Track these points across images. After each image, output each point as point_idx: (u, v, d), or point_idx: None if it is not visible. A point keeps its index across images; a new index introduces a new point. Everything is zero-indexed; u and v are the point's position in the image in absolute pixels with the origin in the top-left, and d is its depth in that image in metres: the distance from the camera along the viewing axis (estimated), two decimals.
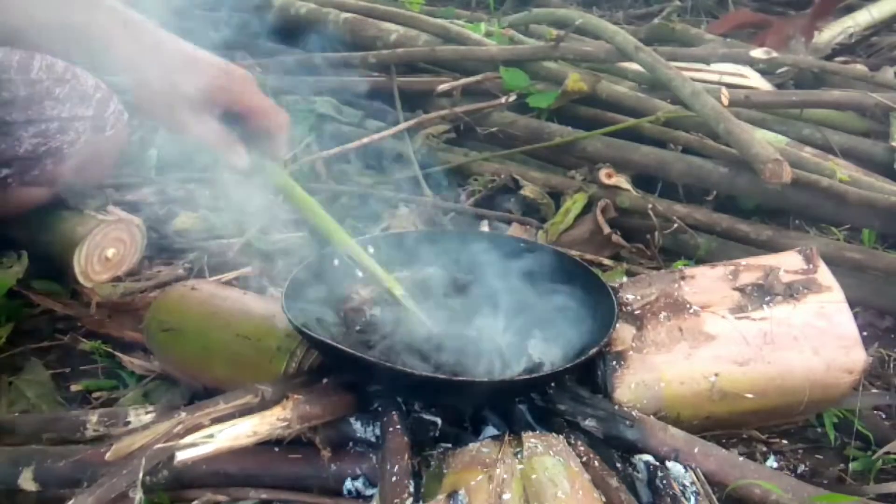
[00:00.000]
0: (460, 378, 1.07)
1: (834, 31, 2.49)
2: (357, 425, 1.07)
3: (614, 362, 1.13)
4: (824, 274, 1.20)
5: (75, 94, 1.49)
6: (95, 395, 1.31)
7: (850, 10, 2.64)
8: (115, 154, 1.68)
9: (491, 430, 1.09)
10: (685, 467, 1.02)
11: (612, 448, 1.06)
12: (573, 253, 1.46)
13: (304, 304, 1.14)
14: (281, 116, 1.07)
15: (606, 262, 1.63)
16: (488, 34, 2.25)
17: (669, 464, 1.03)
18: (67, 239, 1.54)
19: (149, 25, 1.02)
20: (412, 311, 1.15)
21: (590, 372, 1.15)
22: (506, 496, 0.89)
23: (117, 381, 1.34)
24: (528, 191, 1.81)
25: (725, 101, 1.82)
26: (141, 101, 1.01)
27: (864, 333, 1.18)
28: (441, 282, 1.29)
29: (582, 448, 1.02)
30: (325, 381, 1.09)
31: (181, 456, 0.90)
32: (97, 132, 1.55)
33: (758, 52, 1.95)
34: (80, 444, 1.05)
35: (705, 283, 1.22)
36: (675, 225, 1.67)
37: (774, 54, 1.95)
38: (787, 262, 1.22)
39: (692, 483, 1.00)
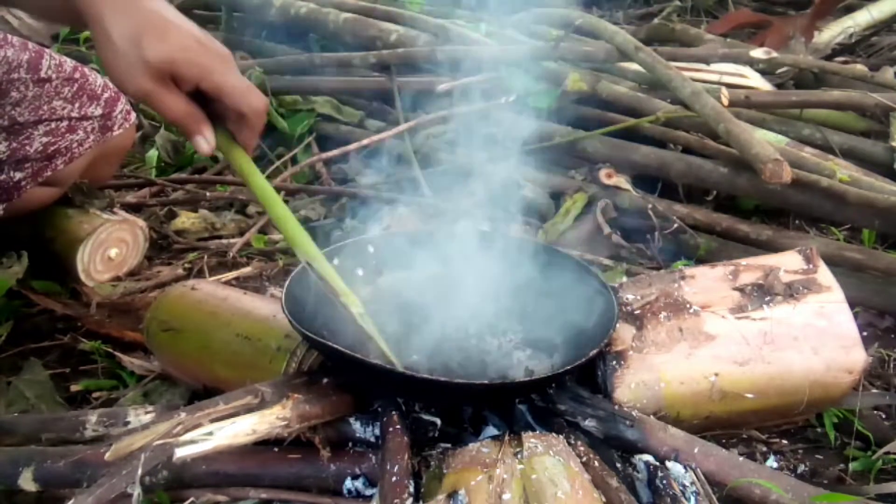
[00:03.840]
0: (460, 380, 1.07)
1: (834, 31, 2.49)
2: (357, 425, 1.07)
3: (614, 362, 1.13)
4: (824, 274, 1.20)
5: (84, 94, 1.50)
6: (95, 395, 1.31)
7: (850, 10, 2.64)
8: (122, 153, 1.69)
9: (491, 430, 1.09)
10: (685, 467, 1.02)
11: (612, 448, 1.06)
12: (573, 253, 1.45)
13: (305, 304, 1.14)
14: (256, 100, 0.98)
15: (606, 262, 1.63)
16: (488, 34, 2.25)
17: (669, 464, 1.03)
18: (71, 237, 1.55)
19: None
20: (369, 333, 1.05)
21: (590, 372, 1.15)
22: (506, 496, 0.89)
23: (117, 381, 1.34)
24: (528, 191, 1.81)
25: (725, 101, 1.82)
26: (103, 59, 0.93)
27: (864, 333, 1.18)
28: (441, 282, 1.29)
29: (582, 448, 1.01)
30: (324, 381, 1.09)
31: (180, 453, 0.90)
32: (105, 131, 1.55)
33: (758, 52, 1.95)
34: (80, 444, 1.04)
35: (705, 283, 1.22)
36: (675, 225, 1.67)
37: (774, 54, 1.95)
38: (787, 262, 1.22)
39: (692, 483, 1.00)
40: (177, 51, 0.92)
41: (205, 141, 0.97)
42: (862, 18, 2.55)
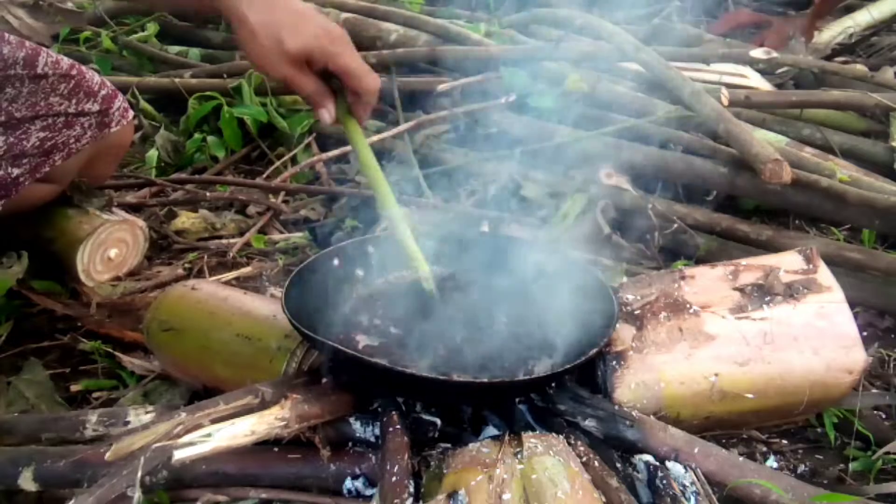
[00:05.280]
0: (460, 379, 1.07)
1: (834, 31, 2.49)
2: (357, 425, 1.07)
3: (614, 362, 1.13)
4: (824, 274, 1.20)
5: (81, 90, 1.51)
6: (95, 395, 1.31)
7: (850, 10, 2.63)
8: (120, 151, 1.70)
9: (491, 430, 1.09)
10: (685, 467, 1.02)
11: (612, 448, 1.06)
12: (573, 253, 1.45)
13: (305, 304, 1.14)
14: (373, 80, 1.15)
15: (606, 262, 1.62)
16: (488, 34, 2.25)
17: (669, 464, 1.03)
18: (71, 237, 1.55)
19: None
20: (433, 293, 1.18)
21: (590, 372, 1.15)
22: (506, 496, 0.89)
23: (117, 381, 1.34)
24: (528, 191, 1.81)
25: (725, 101, 1.82)
26: (249, 51, 1.11)
27: (864, 333, 1.18)
28: (440, 282, 1.29)
29: (582, 448, 1.01)
30: (324, 380, 1.09)
31: (179, 455, 0.90)
32: (103, 128, 1.56)
33: (758, 52, 1.95)
34: (80, 444, 1.05)
35: (705, 283, 1.22)
36: (675, 225, 1.67)
37: (774, 54, 1.95)
38: (787, 262, 1.22)
39: (692, 483, 1.00)
40: (310, 40, 1.10)
41: (328, 113, 1.15)
42: (862, 18, 2.54)
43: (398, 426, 1.01)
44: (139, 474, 0.90)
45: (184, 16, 2.74)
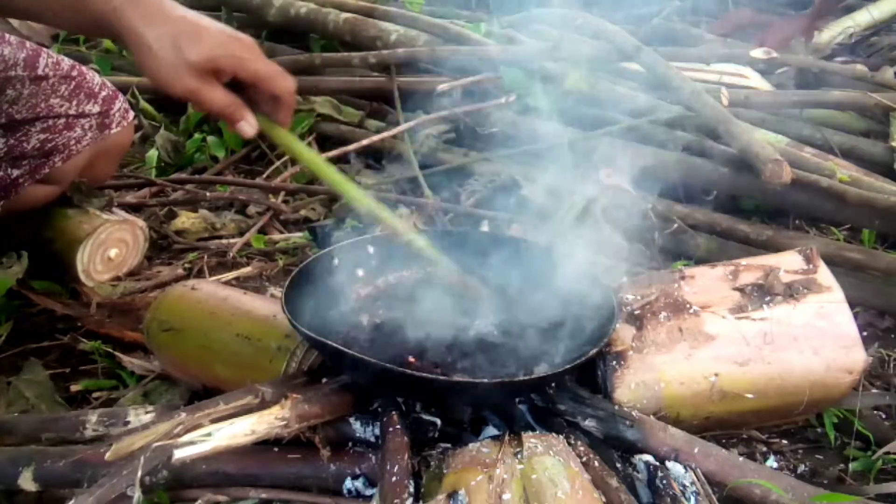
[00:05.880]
0: (460, 379, 1.07)
1: (834, 31, 2.49)
2: (357, 425, 1.07)
3: (614, 362, 1.13)
4: (824, 274, 1.20)
5: (81, 91, 1.51)
6: (95, 395, 1.31)
7: (850, 10, 2.63)
8: (121, 152, 1.69)
9: (491, 430, 1.09)
10: (685, 467, 1.02)
11: (612, 448, 1.06)
12: (573, 253, 1.45)
13: (304, 304, 1.14)
14: (288, 81, 1.07)
15: (606, 262, 1.62)
16: (488, 34, 2.25)
17: (669, 464, 1.03)
18: (71, 237, 1.55)
19: None
20: (435, 259, 1.17)
21: (590, 372, 1.15)
22: (506, 496, 0.89)
23: (117, 381, 1.34)
24: (528, 191, 1.81)
25: (725, 101, 1.82)
26: (147, 68, 1.01)
27: (864, 333, 1.18)
28: (440, 282, 1.29)
29: (582, 448, 1.01)
30: (324, 380, 1.09)
31: (179, 454, 0.90)
32: (103, 129, 1.55)
33: (758, 52, 1.95)
34: (80, 444, 1.04)
35: (705, 283, 1.22)
36: (675, 225, 1.67)
37: (774, 54, 1.95)
38: (787, 262, 1.22)
39: (692, 483, 1.00)
40: (214, 48, 1.01)
41: (248, 125, 1.06)
42: (862, 18, 2.54)
43: (398, 426, 1.01)
44: (139, 474, 0.90)
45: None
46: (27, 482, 0.99)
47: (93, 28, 1.06)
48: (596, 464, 0.99)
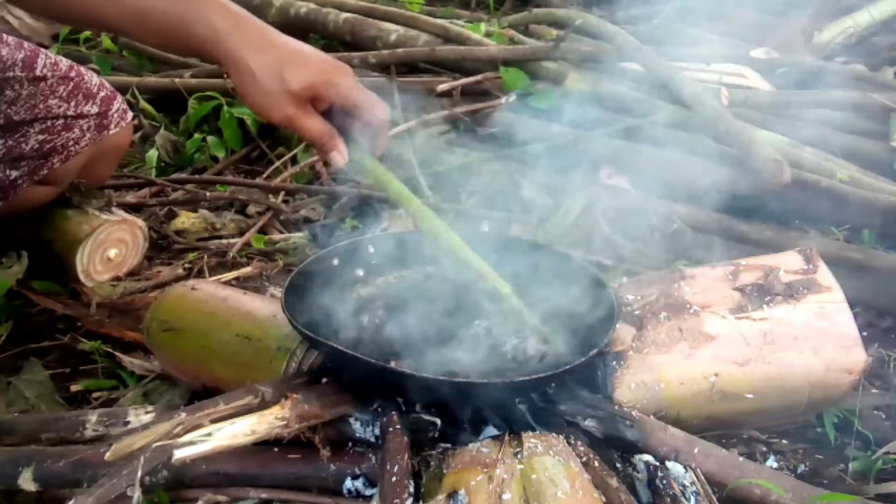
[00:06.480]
0: (460, 379, 1.07)
1: (834, 31, 2.49)
2: (357, 425, 1.07)
3: (614, 362, 1.13)
4: (824, 274, 1.20)
5: (80, 92, 1.50)
6: (95, 395, 1.31)
7: (850, 10, 2.63)
8: (119, 152, 1.69)
9: (491, 430, 1.09)
10: (685, 467, 1.02)
11: (612, 448, 1.06)
12: (573, 253, 1.45)
13: (304, 304, 1.14)
14: (382, 111, 1.07)
15: (606, 262, 1.62)
16: (488, 34, 2.25)
17: (669, 464, 1.03)
18: (71, 237, 1.55)
19: (257, 22, 1.04)
20: (517, 309, 1.14)
21: (590, 372, 1.15)
22: (506, 496, 0.89)
23: (117, 381, 1.34)
24: (528, 191, 1.81)
25: (725, 101, 1.82)
26: (248, 94, 1.03)
27: (864, 333, 1.17)
28: (441, 282, 1.29)
29: (582, 448, 1.01)
30: (324, 380, 1.09)
31: (179, 454, 0.90)
32: (102, 130, 1.55)
33: (758, 52, 1.95)
34: (80, 444, 1.04)
35: (705, 283, 1.22)
36: (675, 225, 1.67)
37: (774, 54, 1.95)
38: (787, 262, 1.22)
39: (692, 483, 1.00)
40: (315, 75, 1.02)
41: (339, 155, 1.07)
42: (862, 18, 2.54)
43: (398, 426, 1.01)
44: (139, 474, 0.90)
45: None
46: (27, 482, 0.99)
47: (192, 51, 1.07)
48: (596, 464, 0.99)
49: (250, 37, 1.02)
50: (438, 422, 1.07)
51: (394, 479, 0.94)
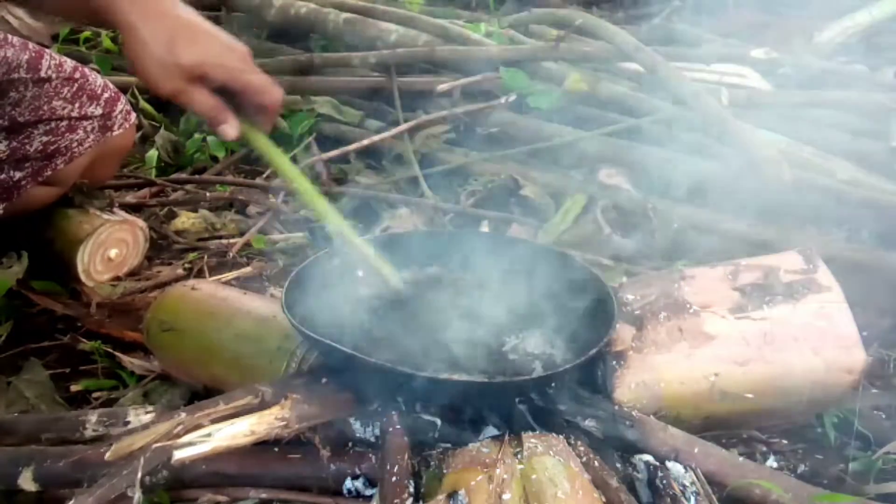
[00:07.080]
0: (460, 378, 1.07)
1: (834, 31, 2.49)
2: (357, 425, 1.07)
3: (614, 362, 1.13)
4: (824, 274, 1.20)
5: (84, 94, 1.51)
6: (95, 395, 1.30)
7: (850, 10, 2.63)
8: (122, 153, 1.70)
9: (491, 430, 1.09)
10: (685, 467, 1.02)
11: (612, 448, 1.06)
12: (573, 253, 1.45)
13: (304, 304, 1.14)
14: (275, 93, 1.08)
15: (606, 262, 1.62)
16: (488, 34, 2.25)
17: (669, 464, 1.03)
18: (71, 237, 1.55)
19: None
20: (392, 282, 1.17)
21: (590, 372, 1.15)
22: (506, 496, 0.89)
23: (117, 381, 1.33)
24: (528, 191, 1.81)
25: (725, 101, 1.82)
26: (137, 62, 1.01)
27: (864, 333, 1.17)
28: (441, 282, 1.29)
29: (582, 448, 1.01)
30: (324, 380, 1.09)
31: (179, 455, 0.90)
32: (106, 131, 1.55)
33: (758, 52, 1.95)
34: (80, 444, 1.04)
35: (705, 283, 1.22)
36: (675, 225, 1.67)
37: (774, 54, 1.95)
38: (787, 262, 1.22)
39: (692, 483, 1.00)
40: (206, 55, 1.02)
41: (230, 128, 1.06)
42: (862, 18, 2.54)
43: (398, 426, 1.01)
44: (139, 474, 0.90)
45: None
46: (27, 482, 0.99)
47: (90, 19, 1.09)
48: (596, 464, 0.99)
49: (145, 4, 1.01)
50: (438, 422, 1.07)
51: (394, 479, 0.94)
